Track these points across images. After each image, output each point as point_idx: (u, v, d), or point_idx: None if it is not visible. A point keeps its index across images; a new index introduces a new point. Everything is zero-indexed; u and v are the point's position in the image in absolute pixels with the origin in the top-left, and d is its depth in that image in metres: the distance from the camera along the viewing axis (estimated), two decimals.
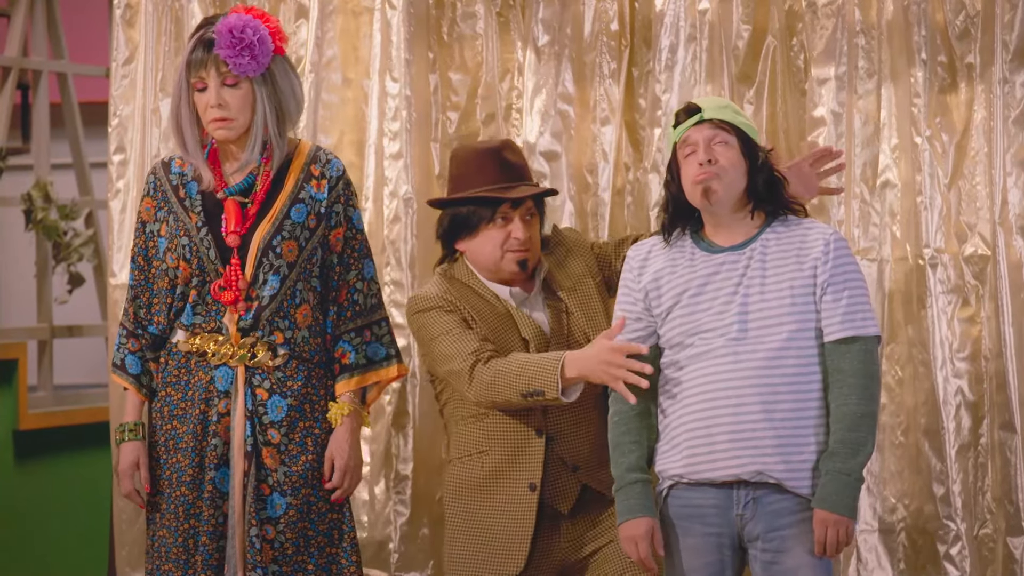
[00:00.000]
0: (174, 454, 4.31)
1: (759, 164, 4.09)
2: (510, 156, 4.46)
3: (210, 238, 4.27)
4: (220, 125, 4.25)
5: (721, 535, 4.03)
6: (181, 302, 4.32)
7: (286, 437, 4.30)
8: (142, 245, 4.38)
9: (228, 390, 4.30)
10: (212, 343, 4.30)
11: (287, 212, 4.29)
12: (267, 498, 4.28)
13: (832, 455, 3.95)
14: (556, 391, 4.19)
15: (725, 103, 4.14)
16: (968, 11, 4.83)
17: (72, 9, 7.42)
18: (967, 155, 4.85)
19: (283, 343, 4.29)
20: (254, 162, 4.30)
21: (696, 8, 4.99)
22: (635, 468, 4.09)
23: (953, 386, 4.81)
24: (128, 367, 4.39)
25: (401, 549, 5.15)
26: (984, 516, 4.80)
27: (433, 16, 5.22)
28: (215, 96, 4.23)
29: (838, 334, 3.99)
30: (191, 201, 4.31)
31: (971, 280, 4.83)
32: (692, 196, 4.07)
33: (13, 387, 6.45)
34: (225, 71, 4.22)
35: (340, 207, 4.36)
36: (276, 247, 4.27)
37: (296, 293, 4.31)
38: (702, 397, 4.00)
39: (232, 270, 4.26)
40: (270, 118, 4.27)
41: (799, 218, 4.11)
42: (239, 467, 4.27)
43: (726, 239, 4.10)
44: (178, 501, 4.29)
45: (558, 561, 4.41)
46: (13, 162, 6.82)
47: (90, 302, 7.16)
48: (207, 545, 4.25)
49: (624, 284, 4.18)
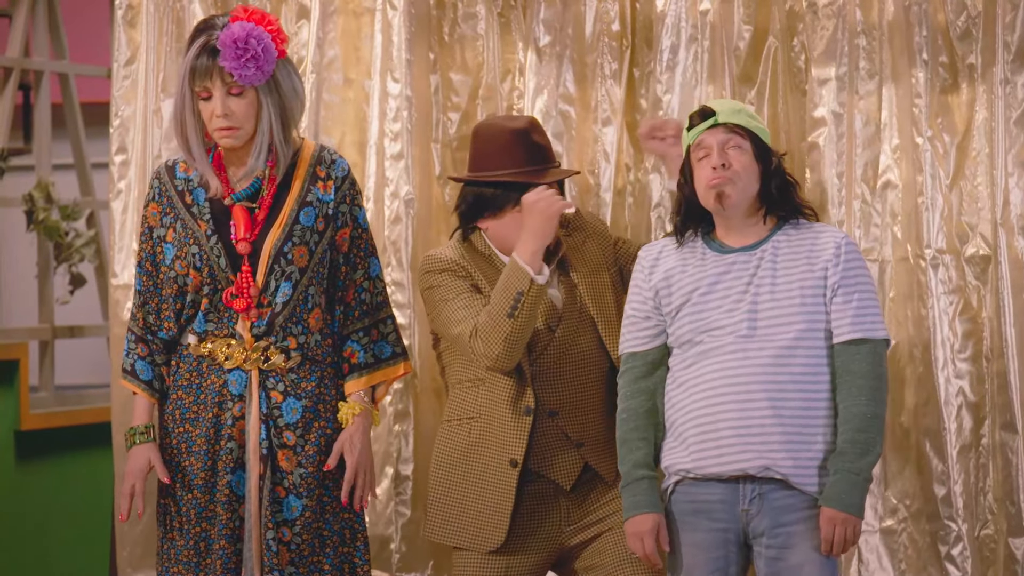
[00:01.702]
0: (186, 457, 4.31)
1: (772, 169, 4.10)
2: (537, 138, 4.49)
3: (220, 246, 4.27)
4: (226, 134, 4.25)
5: (727, 531, 4.04)
6: (192, 309, 4.32)
7: (301, 439, 4.30)
8: (149, 250, 4.36)
9: (242, 393, 4.30)
10: (225, 347, 4.30)
11: (296, 217, 4.29)
12: (283, 500, 4.29)
13: (841, 454, 3.97)
14: (528, 280, 4.23)
15: (740, 107, 4.16)
16: (969, 12, 4.83)
17: (73, 10, 7.43)
18: (968, 156, 4.85)
19: (296, 348, 4.29)
20: (259, 168, 4.30)
21: (697, 9, 4.99)
22: (642, 464, 4.11)
23: (955, 387, 4.81)
24: (139, 373, 4.37)
25: (402, 549, 5.15)
26: (985, 517, 4.79)
27: (434, 17, 5.22)
28: (221, 106, 4.23)
29: (848, 336, 4.01)
30: (199, 208, 4.30)
31: (972, 281, 4.83)
32: (705, 200, 4.09)
33: (14, 387, 6.45)
34: (230, 81, 4.22)
35: (346, 207, 4.36)
36: (287, 253, 4.27)
37: (308, 298, 4.31)
38: (710, 392, 4.03)
39: (243, 277, 4.26)
40: (275, 124, 4.27)
41: (810, 222, 4.14)
42: (255, 470, 4.27)
43: (737, 241, 4.12)
44: (190, 504, 4.29)
45: (555, 539, 4.41)
46: (15, 162, 6.83)
47: (91, 303, 7.17)
48: (225, 548, 4.25)
49: (635, 283, 4.20)
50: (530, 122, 4.52)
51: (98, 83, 7.06)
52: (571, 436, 4.39)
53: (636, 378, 4.16)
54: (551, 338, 4.41)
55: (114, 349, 5.29)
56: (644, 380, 4.15)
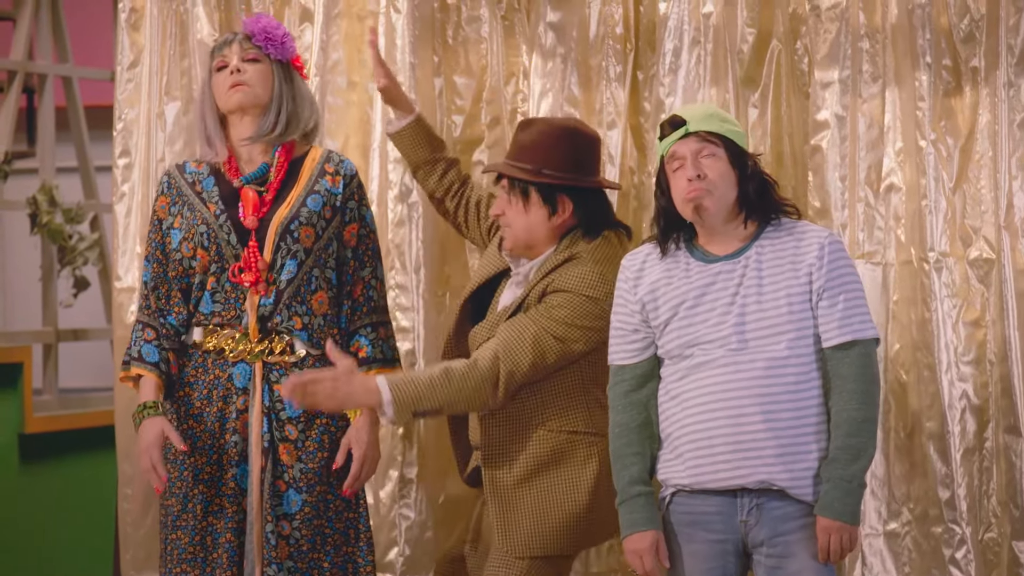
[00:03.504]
0: (191, 453, 4.32)
1: (748, 172, 4.06)
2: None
3: (229, 223, 4.32)
4: (237, 89, 4.36)
5: (725, 541, 4.02)
6: (199, 291, 4.35)
7: (303, 434, 4.33)
8: (159, 241, 4.42)
9: (246, 387, 4.33)
10: (230, 340, 4.33)
11: (304, 200, 4.37)
12: (283, 494, 4.31)
13: (833, 461, 3.94)
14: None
15: (711, 111, 4.09)
16: (973, 15, 4.83)
17: (77, 13, 7.43)
18: (972, 159, 4.85)
19: (302, 329, 4.31)
20: (267, 139, 4.34)
21: (700, 12, 4.99)
22: (638, 480, 4.07)
23: (958, 390, 4.81)
24: (146, 356, 4.38)
25: (407, 552, 5.15)
26: (989, 520, 4.79)
27: (438, 20, 5.22)
28: (236, 62, 4.36)
29: (836, 339, 3.98)
30: (208, 193, 4.39)
31: (976, 284, 4.82)
32: (683, 212, 4.04)
33: (18, 390, 6.45)
34: (248, 47, 4.34)
35: (354, 204, 4.43)
36: (294, 232, 4.33)
37: (312, 279, 4.35)
38: (702, 408, 3.99)
39: (251, 252, 4.31)
40: (287, 97, 4.35)
41: (793, 220, 4.09)
42: (257, 463, 4.29)
43: (720, 248, 4.07)
44: (196, 499, 4.31)
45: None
46: (18, 166, 6.83)
47: (95, 306, 7.17)
48: (231, 542, 4.28)
49: (620, 295, 4.15)
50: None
51: (102, 86, 7.08)
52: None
53: (627, 391, 4.11)
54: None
55: (117, 352, 5.30)
56: (635, 393, 4.11)
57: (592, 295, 4.28)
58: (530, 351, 4.25)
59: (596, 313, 4.28)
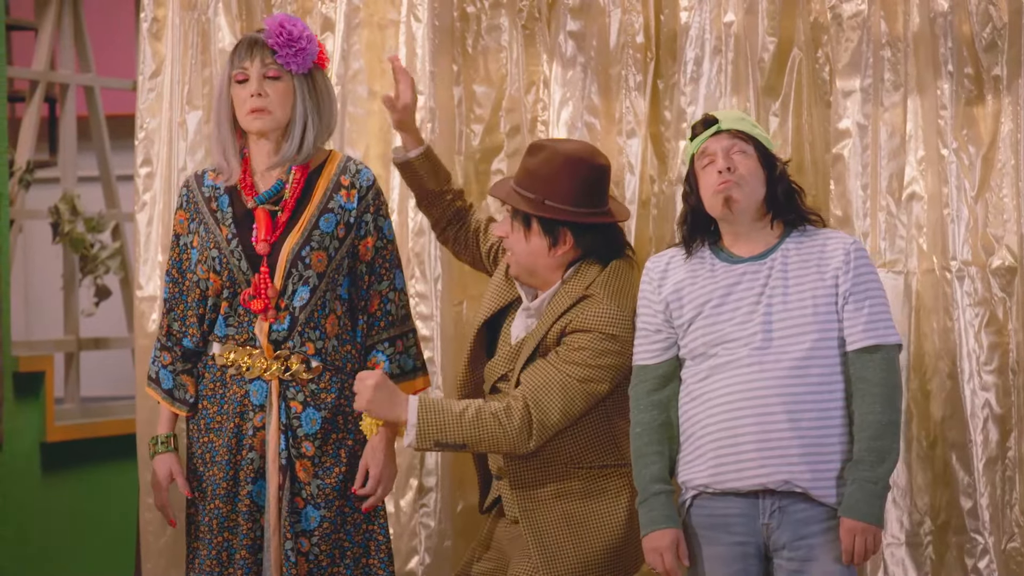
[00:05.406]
0: (210, 467, 4.34)
1: (777, 174, 4.10)
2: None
3: (240, 249, 4.29)
4: (257, 116, 4.28)
5: (746, 544, 4.03)
6: (214, 313, 4.35)
7: (319, 450, 4.32)
8: (176, 258, 4.41)
9: (263, 404, 4.32)
10: (247, 356, 4.31)
11: (316, 222, 4.32)
12: (301, 511, 4.30)
13: (858, 463, 3.96)
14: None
15: (741, 115, 4.18)
16: (995, 23, 4.82)
17: (99, 23, 7.46)
18: (994, 167, 4.83)
19: (315, 354, 4.30)
20: (288, 162, 4.31)
21: (721, 21, 4.98)
22: (658, 479, 4.10)
23: (980, 399, 4.79)
24: (161, 381, 4.42)
25: (426, 562, 5.15)
26: (1012, 530, 4.78)
27: (458, 29, 5.22)
28: (256, 86, 4.26)
29: (861, 343, 4.01)
30: (222, 214, 4.34)
31: (998, 292, 4.81)
32: (712, 206, 4.08)
33: (40, 399, 6.47)
34: (269, 62, 4.26)
35: (370, 216, 4.38)
36: (305, 258, 4.29)
37: (325, 304, 4.33)
38: (728, 407, 4.01)
39: (261, 278, 4.28)
40: (311, 114, 4.29)
41: (817, 228, 4.13)
42: (274, 480, 4.28)
43: (746, 249, 4.11)
44: (212, 514, 4.32)
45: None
46: (40, 175, 6.85)
47: (117, 315, 7.19)
48: (247, 559, 4.28)
49: (643, 296, 4.18)
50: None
51: (123, 96, 7.09)
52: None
53: (648, 391, 4.14)
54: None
55: (139, 361, 5.30)
56: (657, 393, 4.14)
57: (613, 332, 4.27)
58: (558, 399, 4.25)
59: (616, 350, 4.27)
